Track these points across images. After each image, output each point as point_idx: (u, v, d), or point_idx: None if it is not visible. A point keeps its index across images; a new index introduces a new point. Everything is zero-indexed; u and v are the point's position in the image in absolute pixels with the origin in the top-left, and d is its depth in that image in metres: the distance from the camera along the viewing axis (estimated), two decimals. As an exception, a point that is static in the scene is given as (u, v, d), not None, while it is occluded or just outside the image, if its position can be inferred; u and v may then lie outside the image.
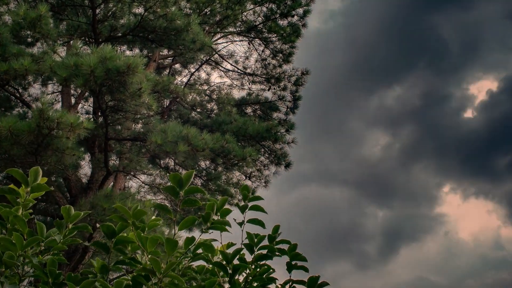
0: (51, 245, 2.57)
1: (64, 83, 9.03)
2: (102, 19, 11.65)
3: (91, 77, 8.47)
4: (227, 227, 2.62)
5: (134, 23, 11.47)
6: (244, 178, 15.68)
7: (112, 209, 9.31)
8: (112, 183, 12.54)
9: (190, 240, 2.49)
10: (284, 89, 17.07)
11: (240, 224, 2.78)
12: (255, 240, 2.79)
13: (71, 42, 11.66)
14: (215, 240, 2.67)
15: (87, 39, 12.31)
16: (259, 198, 2.80)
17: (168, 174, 15.16)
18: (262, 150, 15.06)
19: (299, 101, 16.89)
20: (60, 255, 2.63)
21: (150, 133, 10.13)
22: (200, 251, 2.58)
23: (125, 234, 2.53)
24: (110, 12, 11.74)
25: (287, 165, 15.27)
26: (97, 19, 11.31)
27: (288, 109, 16.84)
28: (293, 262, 2.80)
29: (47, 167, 8.84)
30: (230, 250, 2.75)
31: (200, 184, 14.89)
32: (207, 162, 14.77)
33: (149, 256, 2.38)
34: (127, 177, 13.71)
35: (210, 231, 2.59)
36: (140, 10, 11.75)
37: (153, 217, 2.65)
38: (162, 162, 14.78)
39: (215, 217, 2.58)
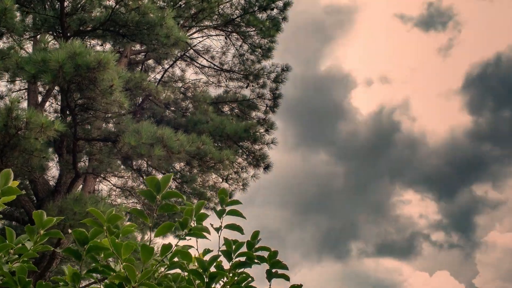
0: (21, 252, 2.58)
1: (33, 80, 8.99)
2: (71, 12, 11.56)
3: (59, 74, 8.44)
4: (205, 234, 2.65)
5: (105, 17, 11.40)
6: (221, 180, 15.65)
7: (83, 213, 9.28)
8: (81, 185, 12.48)
9: (166, 248, 2.51)
10: (263, 86, 17.04)
11: (217, 229, 2.77)
12: (233, 246, 2.78)
13: (38, 36, 11.59)
14: (192, 246, 2.69)
15: (55, 34, 12.24)
16: (237, 202, 2.80)
17: (140, 176, 15.15)
18: (240, 151, 15.05)
19: (280, 99, 16.90)
20: (29, 263, 2.64)
21: (122, 133, 10.11)
22: (176, 259, 2.60)
23: (98, 240, 2.54)
24: (79, 5, 11.67)
25: (267, 167, 15.26)
26: (65, 12, 11.23)
27: (268, 108, 16.82)
28: (273, 270, 2.82)
29: (13, 169, 8.77)
30: (206, 257, 2.75)
31: (174, 187, 14.85)
32: (182, 164, 14.73)
33: (124, 264, 2.40)
34: (97, 180, 13.66)
35: (188, 237, 2.61)
36: (111, 2, 11.69)
37: (128, 223, 2.68)
38: (134, 163, 14.72)
39: (192, 223, 2.61)
